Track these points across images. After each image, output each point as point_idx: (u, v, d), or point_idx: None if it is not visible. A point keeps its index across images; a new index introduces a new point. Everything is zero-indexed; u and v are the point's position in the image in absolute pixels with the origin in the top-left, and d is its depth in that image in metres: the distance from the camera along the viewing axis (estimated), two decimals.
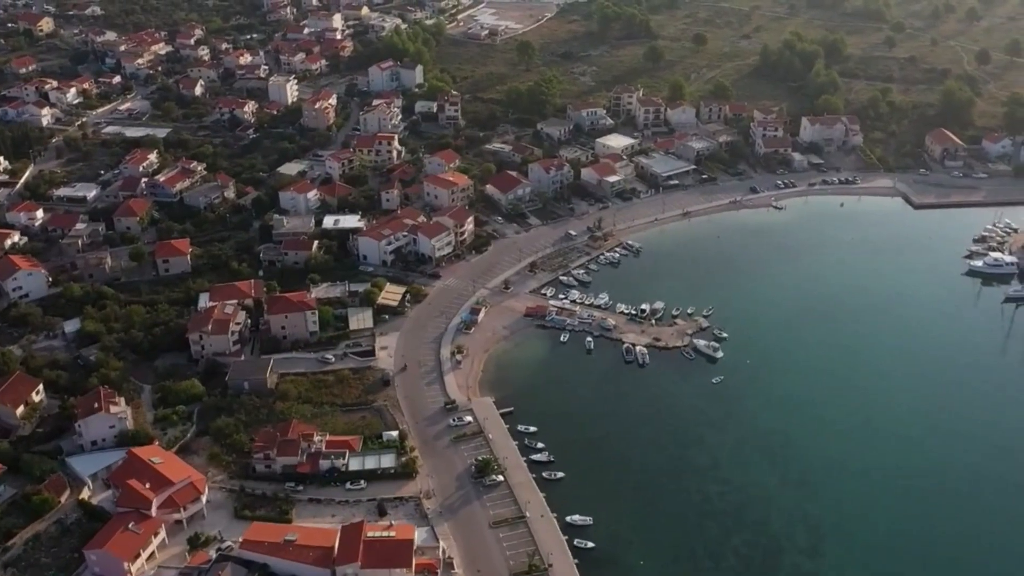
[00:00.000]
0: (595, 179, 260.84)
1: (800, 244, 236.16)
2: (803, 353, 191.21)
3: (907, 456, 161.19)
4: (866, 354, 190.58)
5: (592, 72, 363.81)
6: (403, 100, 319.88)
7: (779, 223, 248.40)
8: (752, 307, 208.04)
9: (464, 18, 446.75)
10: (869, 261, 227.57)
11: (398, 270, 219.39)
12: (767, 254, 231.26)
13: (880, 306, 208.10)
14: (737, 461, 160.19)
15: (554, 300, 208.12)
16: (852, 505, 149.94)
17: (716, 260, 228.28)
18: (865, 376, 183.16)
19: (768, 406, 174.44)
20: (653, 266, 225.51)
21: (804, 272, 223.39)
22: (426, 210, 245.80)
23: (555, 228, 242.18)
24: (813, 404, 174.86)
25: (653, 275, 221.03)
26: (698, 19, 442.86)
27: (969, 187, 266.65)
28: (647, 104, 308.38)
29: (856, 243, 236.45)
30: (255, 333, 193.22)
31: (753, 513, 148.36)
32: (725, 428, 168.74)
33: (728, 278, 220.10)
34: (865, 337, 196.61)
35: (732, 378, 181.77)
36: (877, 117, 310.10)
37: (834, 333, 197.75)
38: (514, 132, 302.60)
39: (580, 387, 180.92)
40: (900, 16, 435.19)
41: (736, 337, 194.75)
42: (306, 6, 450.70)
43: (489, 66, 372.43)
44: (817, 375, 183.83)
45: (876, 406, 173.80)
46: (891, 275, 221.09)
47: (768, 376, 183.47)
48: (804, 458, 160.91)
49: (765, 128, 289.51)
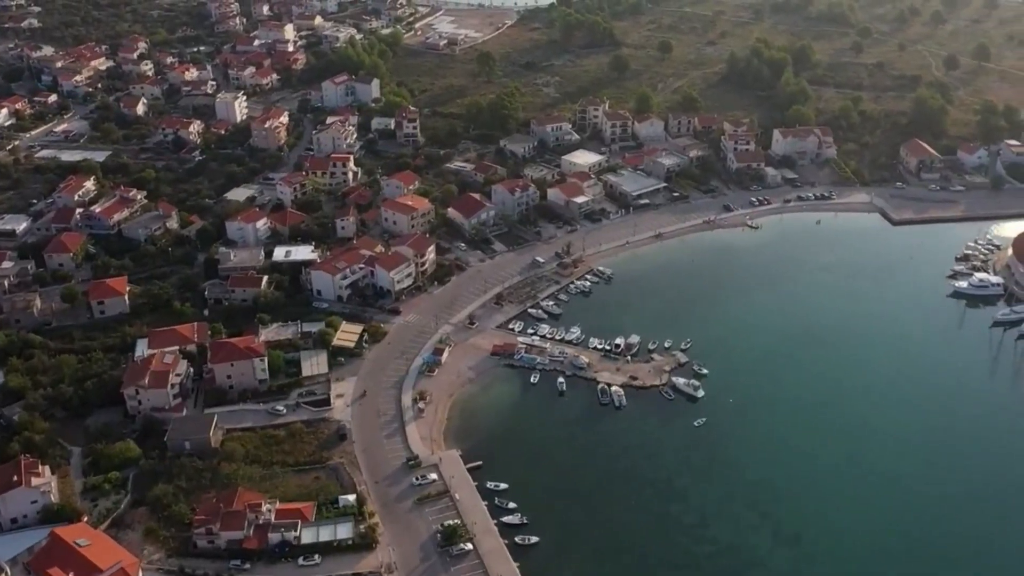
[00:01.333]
0: (562, 200, 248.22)
1: (777, 266, 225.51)
2: (787, 389, 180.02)
3: (903, 505, 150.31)
4: (852, 388, 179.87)
5: (556, 83, 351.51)
6: (359, 116, 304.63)
7: (755, 244, 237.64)
8: (731, 337, 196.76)
9: (422, 27, 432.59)
10: (850, 284, 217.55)
11: (355, 306, 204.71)
12: (744, 278, 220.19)
13: (864, 333, 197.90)
14: (725, 517, 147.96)
15: (523, 336, 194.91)
16: (851, 566, 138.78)
17: (692, 286, 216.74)
18: (852, 413, 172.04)
19: (754, 452, 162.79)
20: (626, 294, 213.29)
21: (783, 297, 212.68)
22: (384, 237, 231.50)
23: (521, 254, 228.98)
24: (801, 449, 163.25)
25: (627, 304, 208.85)
26: (662, 25, 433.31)
27: (947, 201, 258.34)
28: (614, 118, 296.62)
29: (835, 264, 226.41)
30: (198, 383, 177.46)
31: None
32: (710, 478, 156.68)
33: (705, 306, 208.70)
34: (850, 368, 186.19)
35: (715, 419, 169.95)
36: (849, 127, 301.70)
37: (818, 365, 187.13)
38: (476, 149, 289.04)
39: (553, 435, 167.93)
40: (865, 20, 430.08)
41: (717, 372, 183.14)
42: (256, 16, 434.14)
43: (448, 78, 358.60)
44: (802, 414, 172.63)
45: (866, 448, 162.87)
46: (873, 299, 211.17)
47: (752, 416, 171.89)
48: (796, 512, 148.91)
49: (736, 142, 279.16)
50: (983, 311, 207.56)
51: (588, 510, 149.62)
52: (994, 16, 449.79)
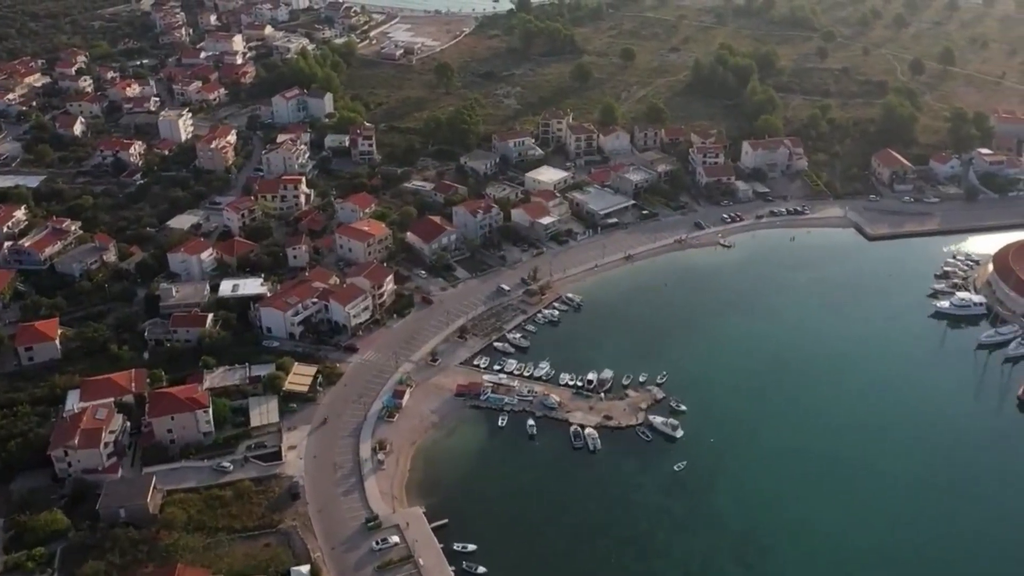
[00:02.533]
0: (527, 221, 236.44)
1: (753, 289, 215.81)
2: (769, 425, 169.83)
3: (900, 556, 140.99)
4: (836, 423, 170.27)
5: (517, 94, 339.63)
6: (311, 133, 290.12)
7: (728, 264, 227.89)
8: (709, 368, 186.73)
9: (377, 35, 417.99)
10: (829, 306, 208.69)
11: (308, 344, 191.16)
12: (719, 303, 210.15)
13: (846, 360, 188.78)
14: (711, 574, 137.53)
15: (489, 374, 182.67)
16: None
17: (665, 312, 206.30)
18: (837, 451, 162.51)
19: (739, 499, 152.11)
20: (597, 323, 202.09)
21: (760, 322, 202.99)
22: (339, 266, 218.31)
23: (485, 281, 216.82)
24: (786, 494, 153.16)
25: (598, 335, 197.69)
26: (624, 31, 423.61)
27: (922, 213, 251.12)
28: (578, 131, 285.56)
29: (813, 284, 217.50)
30: (136, 437, 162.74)
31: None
32: (693, 530, 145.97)
33: (680, 333, 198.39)
34: (833, 401, 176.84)
35: (695, 463, 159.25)
36: (819, 137, 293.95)
37: (799, 398, 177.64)
38: (435, 166, 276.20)
39: (524, 486, 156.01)
40: (827, 23, 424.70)
41: (695, 409, 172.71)
42: (204, 26, 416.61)
43: (406, 90, 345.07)
44: (787, 454, 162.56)
45: (854, 490, 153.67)
46: (854, 321, 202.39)
47: (735, 458, 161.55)
48: (784, 566, 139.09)
49: (705, 155, 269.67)
50: (966, 332, 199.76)
51: (564, 573, 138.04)
52: (955, 18, 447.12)
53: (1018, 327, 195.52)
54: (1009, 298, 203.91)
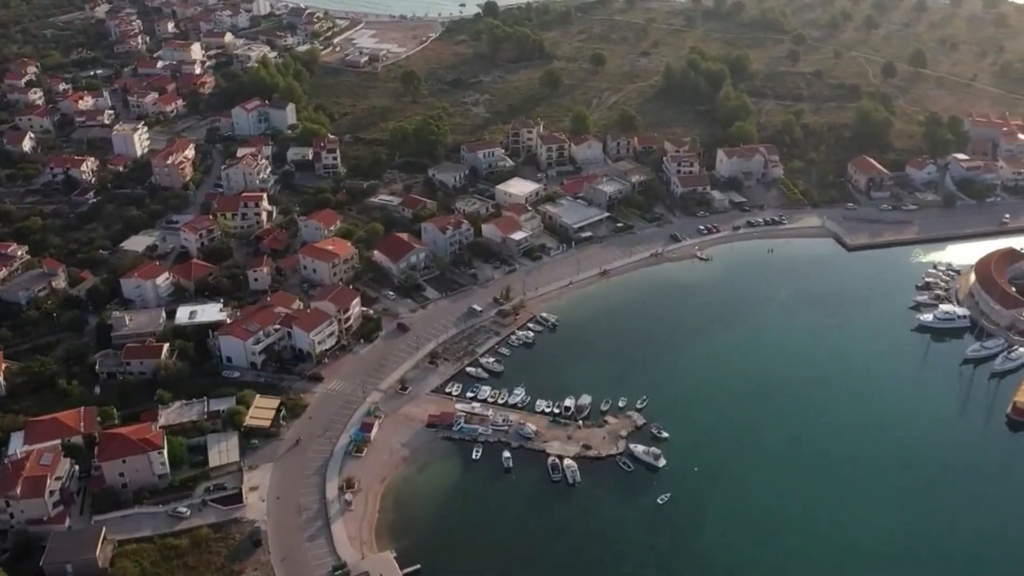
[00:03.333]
0: (498, 237, 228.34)
1: (732, 304, 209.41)
2: (754, 451, 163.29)
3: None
4: (822, 447, 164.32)
5: (485, 101, 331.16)
6: (273, 146, 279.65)
7: (706, 278, 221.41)
8: (690, 390, 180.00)
9: (341, 42, 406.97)
10: (810, 321, 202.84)
11: (271, 373, 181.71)
12: (698, 319, 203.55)
13: (829, 381, 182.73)
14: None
15: (461, 402, 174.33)
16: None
17: (643, 330, 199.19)
18: (826, 480, 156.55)
19: (725, 533, 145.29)
20: (573, 344, 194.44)
21: (741, 340, 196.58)
22: (303, 287, 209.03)
23: (456, 302, 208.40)
24: (775, 527, 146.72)
25: (574, 356, 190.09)
26: (593, 35, 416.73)
27: (900, 222, 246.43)
28: (550, 141, 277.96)
29: (793, 299, 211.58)
30: (86, 482, 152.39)
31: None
32: (680, 570, 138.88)
33: (659, 353, 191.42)
34: (818, 423, 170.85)
35: (680, 494, 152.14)
36: (793, 143, 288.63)
37: (784, 419, 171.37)
38: (403, 179, 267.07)
39: (500, 524, 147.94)
40: (797, 25, 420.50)
41: (678, 435, 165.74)
42: (161, 34, 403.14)
43: (371, 98, 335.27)
44: (774, 483, 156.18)
45: (845, 522, 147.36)
46: (837, 337, 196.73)
47: (720, 488, 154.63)
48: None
49: (679, 164, 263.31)
50: (951, 345, 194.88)
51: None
52: (924, 19, 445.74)
53: (1003, 340, 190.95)
54: (993, 310, 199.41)
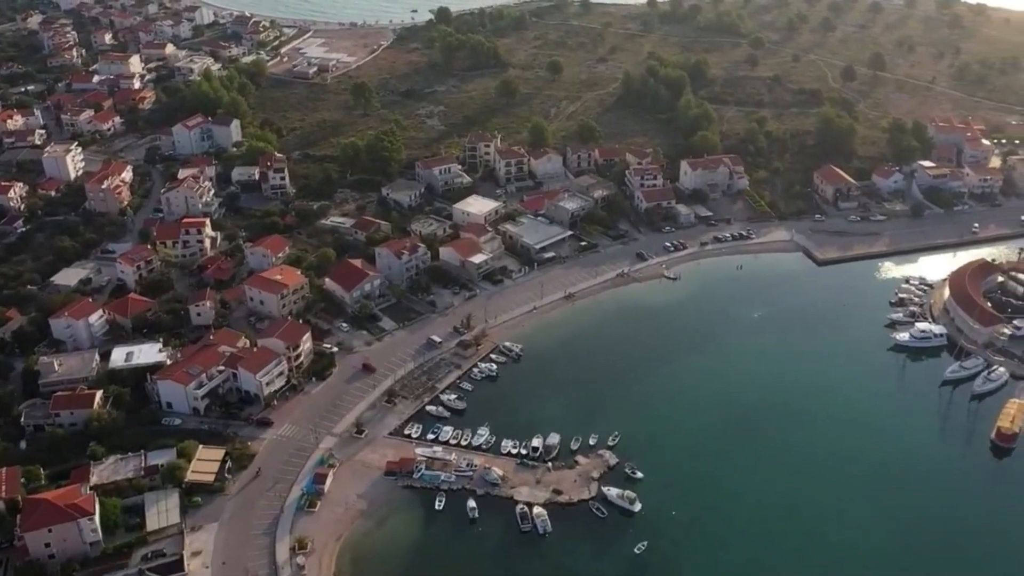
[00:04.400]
0: (457, 260, 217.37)
1: (703, 328, 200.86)
2: (733, 489, 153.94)
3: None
4: (804, 481, 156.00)
5: (440, 113, 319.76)
6: (217, 166, 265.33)
7: (675, 299, 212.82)
8: (663, 424, 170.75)
9: (288, 52, 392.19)
10: (784, 343, 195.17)
11: (215, 420, 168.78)
12: (668, 346, 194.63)
13: (807, 406, 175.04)
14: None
15: (422, 446, 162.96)
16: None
17: (612, 358, 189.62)
18: (810, 520, 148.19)
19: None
20: (539, 376, 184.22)
21: (714, 366, 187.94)
22: (250, 321, 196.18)
23: (414, 332, 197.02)
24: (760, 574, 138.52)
25: (541, 389, 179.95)
26: (549, 41, 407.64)
27: (870, 233, 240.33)
28: (508, 155, 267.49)
29: (766, 320, 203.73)
30: (7, 553, 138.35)
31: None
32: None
33: (629, 384, 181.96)
34: (798, 453, 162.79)
35: (657, 542, 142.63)
36: (757, 152, 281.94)
37: (763, 452, 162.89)
38: (355, 199, 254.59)
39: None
40: (754, 27, 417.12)
41: (653, 475, 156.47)
42: (98, 46, 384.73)
43: (320, 111, 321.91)
44: (754, 522, 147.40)
45: (835, 565, 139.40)
46: (812, 360, 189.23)
47: (698, 534, 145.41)
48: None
49: (643, 177, 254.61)
50: (929, 365, 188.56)
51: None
52: (879, 20, 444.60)
53: (983, 360, 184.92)
54: (969, 327, 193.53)
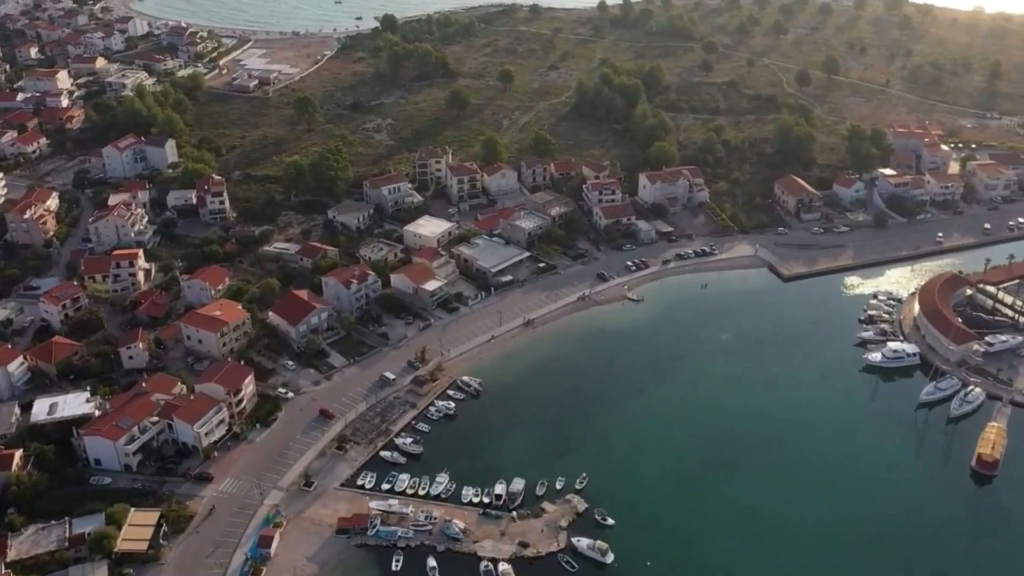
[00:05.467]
0: (410, 287, 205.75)
1: (670, 353, 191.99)
2: (710, 535, 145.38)
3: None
4: (782, 519, 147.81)
5: (388, 127, 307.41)
6: (152, 190, 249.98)
7: (639, 323, 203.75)
8: (633, 463, 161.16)
9: (228, 64, 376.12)
10: (755, 368, 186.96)
11: (149, 476, 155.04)
12: (635, 374, 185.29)
13: (781, 436, 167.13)
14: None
15: (376, 499, 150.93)
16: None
17: (575, 391, 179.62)
18: (791, 560, 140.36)
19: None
20: (500, 412, 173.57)
21: (682, 395, 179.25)
22: (188, 362, 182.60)
23: (366, 368, 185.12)
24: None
25: (502, 428, 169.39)
26: (499, 48, 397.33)
27: (834, 246, 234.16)
28: (460, 172, 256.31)
29: (734, 343, 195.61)
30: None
31: None
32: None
33: (595, 418, 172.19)
34: (775, 487, 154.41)
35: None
36: (716, 162, 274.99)
37: (737, 490, 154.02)
38: (300, 223, 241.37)
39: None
40: (706, 31, 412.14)
41: (625, 520, 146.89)
42: (23, 60, 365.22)
43: (262, 128, 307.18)
44: (734, 570, 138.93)
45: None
46: (784, 385, 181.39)
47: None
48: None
49: (601, 192, 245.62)
50: (902, 386, 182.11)
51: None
52: (830, 22, 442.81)
53: (957, 380, 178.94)
54: (941, 345, 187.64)
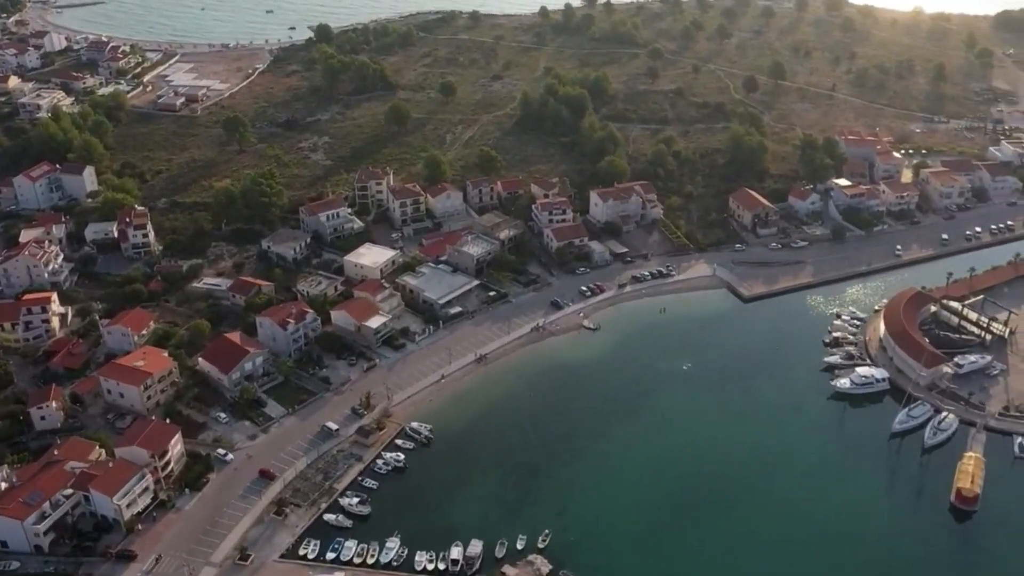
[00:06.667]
0: (352, 324, 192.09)
1: (630, 387, 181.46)
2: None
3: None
4: (759, 568, 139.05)
5: (325, 145, 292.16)
6: (69, 223, 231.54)
7: (597, 354, 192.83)
8: (598, 514, 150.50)
9: (153, 80, 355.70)
10: (720, 401, 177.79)
11: (64, 558, 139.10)
12: (595, 411, 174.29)
13: (751, 476, 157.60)
14: None
15: (320, 571, 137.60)
16: None
17: (535, 435, 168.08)
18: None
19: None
20: (453, 462, 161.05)
21: (646, 435, 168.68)
22: (108, 420, 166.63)
23: (306, 418, 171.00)
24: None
25: (456, 480, 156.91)
26: (439, 58, 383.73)
27: (793, 262, 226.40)
28: (403, 194, 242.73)
29: (697, 372, 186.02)
30: None
31: None
32: None
33: (555, 466, 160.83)
34: (748, 534, 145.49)
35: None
36: (667, 176, 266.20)
37: (709, 539, 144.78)
38: (231, 254, 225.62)
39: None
40: (651, 37, 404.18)
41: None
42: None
43: (190, 149, 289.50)
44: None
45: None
46: (750, 418, 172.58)
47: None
48: None
49: (551, 212, 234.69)
50: (872, 414, 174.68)
51: None
52: (773, 25, 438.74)
53: (929, 406, 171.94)
54: (911, 368, 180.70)
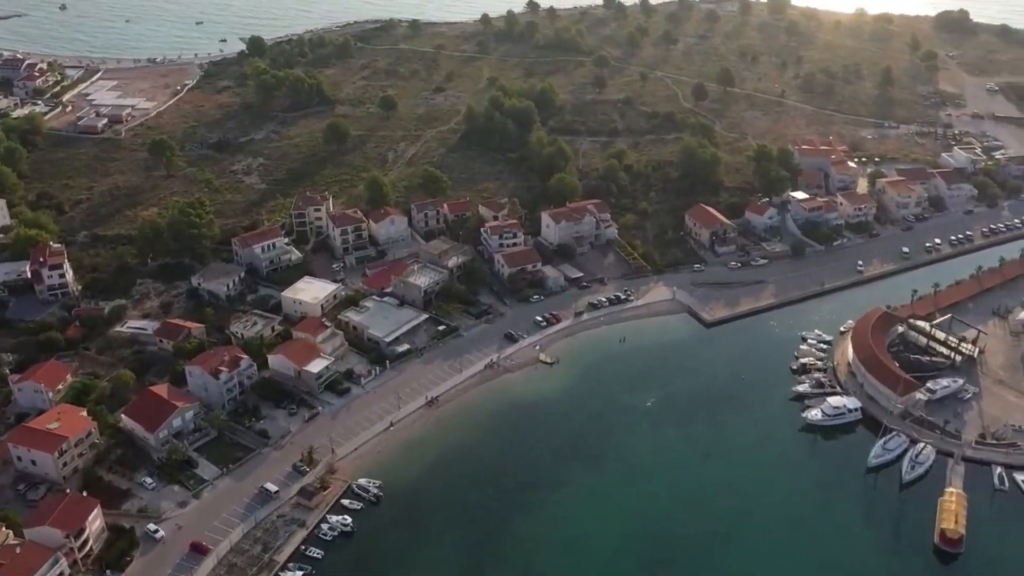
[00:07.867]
0: (291, 369, 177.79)
1: (591, 427, 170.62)
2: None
3: None
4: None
5: (260, 167, 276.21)
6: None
7: (556, 390, 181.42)
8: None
9: (73, 99, 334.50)
10: (686, 438, 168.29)
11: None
12: (556, 457, 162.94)
13: (722, 524, 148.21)
14: None
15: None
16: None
17: (493, 487, 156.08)
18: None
19: None
20: (405, 524, 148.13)
21: (609, 483, 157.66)
22: (19, 491, 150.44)
23: (242, 479, 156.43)
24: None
25: (408, 545, 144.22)
26: (378, 70, 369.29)
27: (754, 281, 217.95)
28: (343, 221, 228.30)
29: (661, 407, 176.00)
30: None
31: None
32: None
33: (517, 523, 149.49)
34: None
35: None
36: (620, 191, 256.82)
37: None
38: (158, 292, 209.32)
39: None
40: (596, 44, 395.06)
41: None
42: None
43: (113, 175, 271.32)
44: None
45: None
46: (719, 458, 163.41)
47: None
48: None
49: (501, 236, 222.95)
50: (846, 446, 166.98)
51: None
52: (718, 30, 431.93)
53: (904, 437, 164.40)
54: (882, 396, 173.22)
